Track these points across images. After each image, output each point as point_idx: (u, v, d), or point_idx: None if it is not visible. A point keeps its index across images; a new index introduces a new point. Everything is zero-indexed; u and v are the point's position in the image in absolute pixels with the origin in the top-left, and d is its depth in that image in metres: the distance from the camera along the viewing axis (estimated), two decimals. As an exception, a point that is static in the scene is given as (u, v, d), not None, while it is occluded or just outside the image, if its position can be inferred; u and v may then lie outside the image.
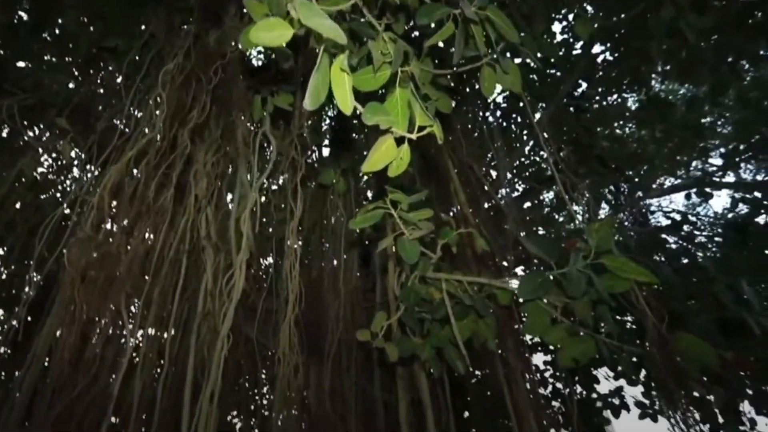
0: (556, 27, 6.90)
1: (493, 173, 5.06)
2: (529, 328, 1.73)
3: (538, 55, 4.20)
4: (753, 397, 3.01)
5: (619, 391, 4.54)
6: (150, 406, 3.28)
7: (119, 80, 4.11)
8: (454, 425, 2.61)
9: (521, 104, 4.77)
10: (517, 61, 4.13)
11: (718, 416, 3.00)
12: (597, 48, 4.78)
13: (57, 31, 4.17)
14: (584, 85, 5.17)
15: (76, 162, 4.80)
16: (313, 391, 3.41)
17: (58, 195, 5.05)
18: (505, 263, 3.64)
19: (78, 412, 2.39)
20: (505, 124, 5.49)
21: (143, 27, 3.85)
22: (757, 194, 4.24)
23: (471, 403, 4.43)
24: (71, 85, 4.35)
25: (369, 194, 4.89)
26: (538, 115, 4.70)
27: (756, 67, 4.01)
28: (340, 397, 3.12)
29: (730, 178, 5.31)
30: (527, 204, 6.09)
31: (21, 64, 4.09)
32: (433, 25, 1.51)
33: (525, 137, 5.56)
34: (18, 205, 4.71)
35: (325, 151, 5.06)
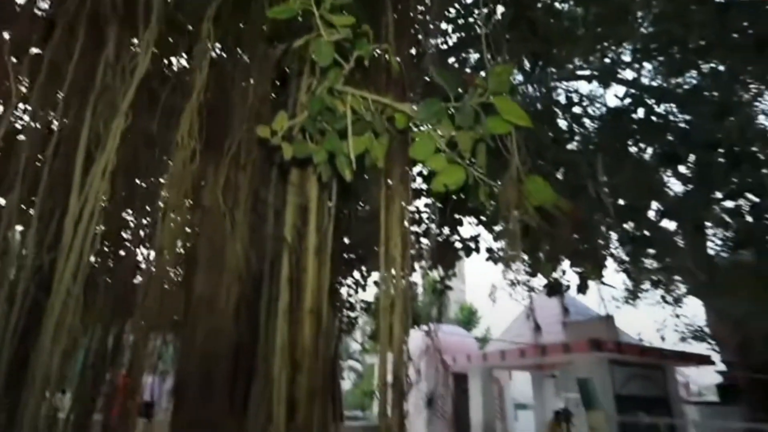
0: None
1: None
2: (417, 150, 1.90)
3: None
4: (572, 253, 3.78)
5: (476, 237, 5.34)
6: (37, 175, 3.20)
7: None
8: (333, 232, 2.91)
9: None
10: None
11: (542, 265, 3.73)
12: None
13: None
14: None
15: None
16: (209, 186, 3.52)
17: None
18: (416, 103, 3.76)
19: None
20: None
21: None
22: (645, 95, 4.70)
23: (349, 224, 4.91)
24: None
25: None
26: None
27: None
28: (233, 195, 3.27)
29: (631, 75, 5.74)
30: (452, 59, 6.09)
31: None
32: None
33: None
34: None
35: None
